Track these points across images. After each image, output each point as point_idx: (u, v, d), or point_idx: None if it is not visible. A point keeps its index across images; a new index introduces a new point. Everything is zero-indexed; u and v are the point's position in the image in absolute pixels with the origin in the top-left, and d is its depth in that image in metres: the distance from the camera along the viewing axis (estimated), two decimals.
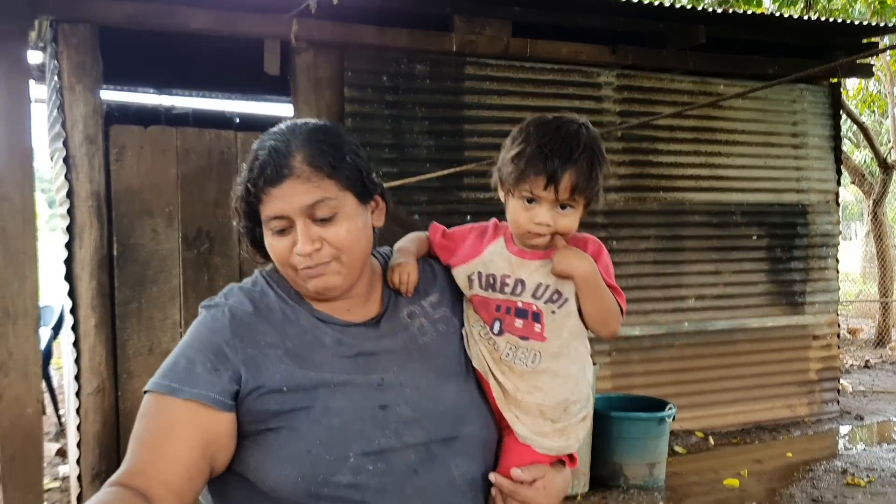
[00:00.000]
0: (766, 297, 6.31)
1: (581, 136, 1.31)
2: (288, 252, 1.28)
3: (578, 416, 1.38)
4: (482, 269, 1.39)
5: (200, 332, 1.29)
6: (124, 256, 4.49)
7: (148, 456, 1.18)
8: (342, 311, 1.35)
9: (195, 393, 1.20)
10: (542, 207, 1.31)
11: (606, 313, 1.35)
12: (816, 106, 6.49)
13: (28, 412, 4.24)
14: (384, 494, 1.21)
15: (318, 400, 1.23)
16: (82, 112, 4.32)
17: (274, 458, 1.20)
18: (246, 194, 1.29)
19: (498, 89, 5.39)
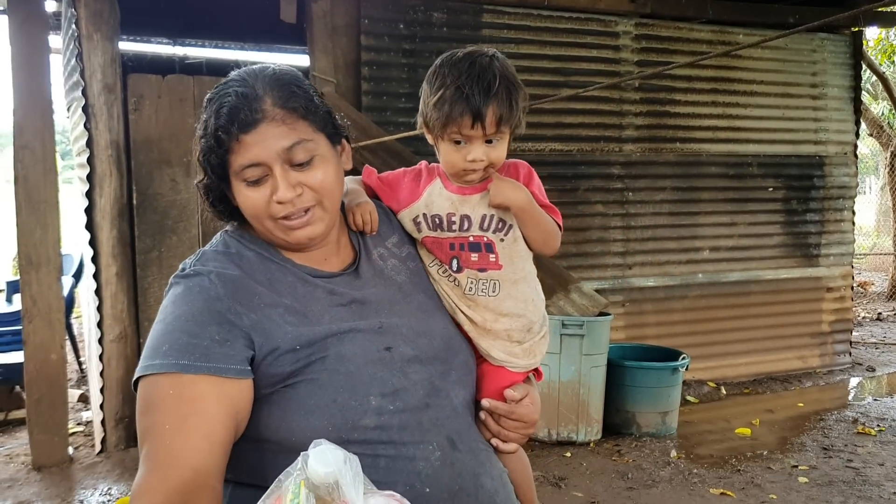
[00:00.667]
0: (781, 249, 6.31)
1: (494, 67, 1.32)
2: (265, 203, 1.24)
3: (540, 334, 1.47)
4: (426, 210, 1.43)
5: (194, 302, 1.21)
6: (144, 206, 4.53)
7: (180, 445, 1.10)
8: (320, 261, 1.35)
9: (212, 367, 1.15)
10: (472, 145, 1.34)
11: (546, 234, 1.41)
12: (837, 56, 6.40)
13: (52, 358, 4.32)
14: (405, 430, 1.23)
15: (330, 349, 1.23)
16: (100, 61, 4.32)
17: (299, 412, 1.18)
18: (216, 144, 1.23)
19: (515, 38, 5.34)
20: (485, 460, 1.32)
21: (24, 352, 4.27)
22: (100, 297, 4.44)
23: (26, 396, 4.38)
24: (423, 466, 1.22)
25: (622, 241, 5.75)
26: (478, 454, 1.31)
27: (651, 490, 4.02)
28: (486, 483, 1.29)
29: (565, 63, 5.47)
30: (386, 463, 1.20)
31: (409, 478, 1.20)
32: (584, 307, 4.66)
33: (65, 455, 4.37)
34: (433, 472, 1.22)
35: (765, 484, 4.07)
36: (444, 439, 1.26)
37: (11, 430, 5.09)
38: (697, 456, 4.51)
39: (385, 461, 1.20)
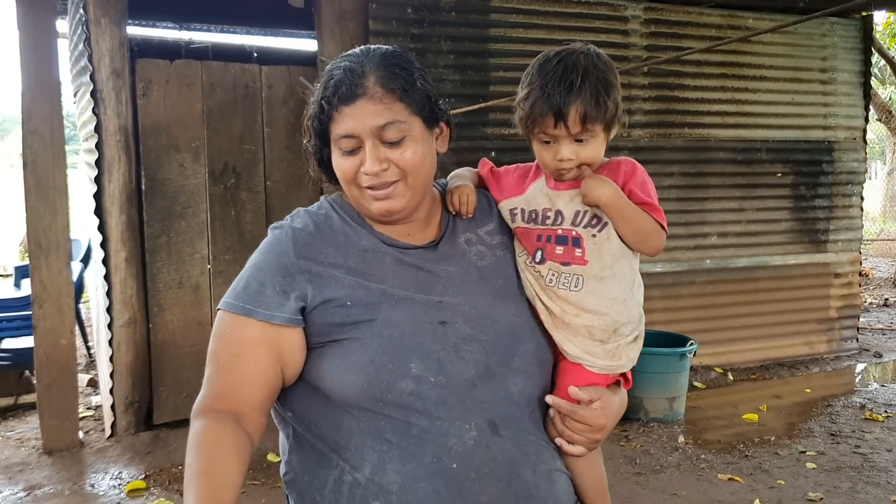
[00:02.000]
0: (789, 235, 6.30)
1: (579, 65, 1.31)
2: (355, 171, 1.33)
3: (629, 337, 1.40)
4: (524, 205, 1.43)
5: (268, 254, 1.36)
6: (153, 191, 4.53)
7: (228, 379, 1.27)
8: (402, 234, 1.40)
9: (267, 314, 1.28)
10: (560, 145, 1.33)
11: (642, 232, 1.36)
12: (847, 40, 6.36)
13: (62, 343, 4.34)
14: (443, 405, 1.26)
15: (380, 313, 1.29)
16: (108, 46, 4.31)
17: (341, 366, 1.27)
18: (319, 112, 1.34)
19: (524, 22, 5.31)
20: (531, 453, 1.31)
21: (35, 337, 4.29)
22: (109, 282, 4.45)
23: (36, 381, 4.40)
24: (455, 443, 1.25)
25: None
26: (524, 445, 1.30)
27: (659, 475, 4.03)
28: (524, 474, 1.28)
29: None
30: (418, 432, 1.25)
31: (438, 451, 1.24)
32: None
33: (75, 439, 4.40)
34: (464, 450, 1.25)
35: (773, 469, 4.09)
36: (485, 422, 1.27)
37: (22, 414, 5.12)
38: (705, 441, 4.53)
39: (417, 430, 1.25)
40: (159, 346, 4.60)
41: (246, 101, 4.73)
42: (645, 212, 1.36)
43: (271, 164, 4.82)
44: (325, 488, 1.29)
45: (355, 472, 1.26)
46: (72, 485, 3.94)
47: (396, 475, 1.24)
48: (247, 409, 1.26)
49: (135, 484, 3.90)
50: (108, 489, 3.89)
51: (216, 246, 4.69)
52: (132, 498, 3.79)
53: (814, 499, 3.72)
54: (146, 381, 4.57)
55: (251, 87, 4.75)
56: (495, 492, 1.25)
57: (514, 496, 1.26)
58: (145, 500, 3.77)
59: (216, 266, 4.69)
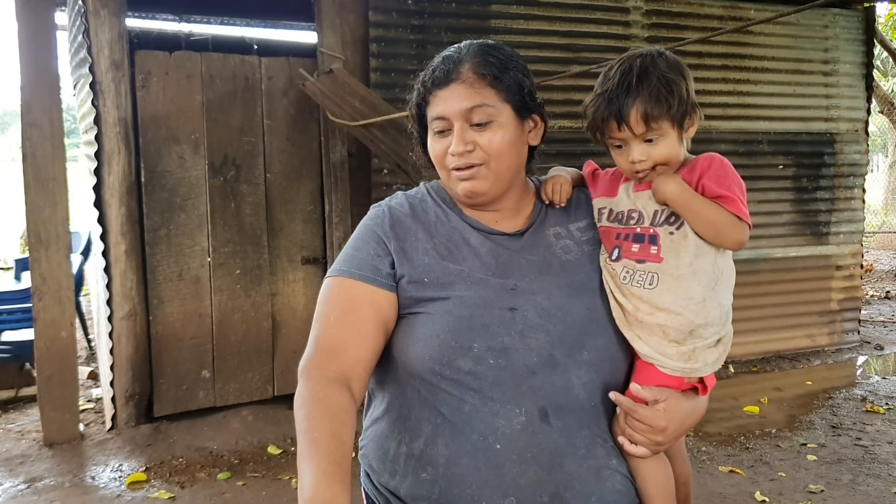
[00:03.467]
0: (791, 227, 6.28)
1: (636, 67, 1.33)
2: (444, 152, 1.40)
3: (708, 340, 1.36)
4: (613, 206, 1.45)
5: (367, 226, 1.47)
6: (152, 183, 4.51)
7: (340, 334, 1.33)
8: (491, 220, 1.47)
9: (370, 277, 1.37)
10: (630, 147, 1.35)
11: (714, 226, 1.33)
12: (849, 31, 6.33)
13: (62, 335, 4.34)
14: (498, 387, 1.30)
15: (454, 292, 1.35)
16: (108, 37, 4.29)
17: (411, 337, 1.35)
18: (417, 96, 1.44)
19: (525, 14, 5.29)
20: (581, 446, 1.31)
21: (35, 329, 4.28)
22: (109, 274, 4.44)
23: (37, 374, 4.40)
24: (503, 424, 1.29)
25: None
26: (574, 437, 1.30)
27: None
28: (567, 465, 1.29)
29: (575, 39, 5.42)
30: (469, 409, 1.30)
31: (485, 429, 1.29)
32: None
33: (76, 432, 4.40)
34: (510, 432, 1.28)
35: (773, 462, 4.08)
36: (537, 409, 1.30)
37: (22, 406, 5.12)
38: (706, 434, 4.52)
39: (469, 407, 1.30)
40: (159, 338, 4.59)
41: (246, 93, 4.71)
42: (718, 205, 1.33)
43: (271, 156, 4.80)
44: (388, 457, 1.37)
45: (412, 444, 1.33)
46: (72, 477, 3.94)
47: (446, 448, 1.30)
48: (357, 368, 1.32)
49: (135, 476, 3.90)
50: (108, 481, 3.89)
51: (216, 238, 4.68)
52: (133, 490, 3.79)
53: (815, 491, 3.72)
54: (146, 374, 4.57)
55: (251, 78, 4.73)
56: (534, 477, 1.27)
57: (553, 484, 1.28)
58: (146, 492, 3.77)
59: (216, 258, 4.68)
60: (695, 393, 1.41)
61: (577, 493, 1.28)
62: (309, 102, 4.70)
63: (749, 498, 3.65)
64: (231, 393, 4.79)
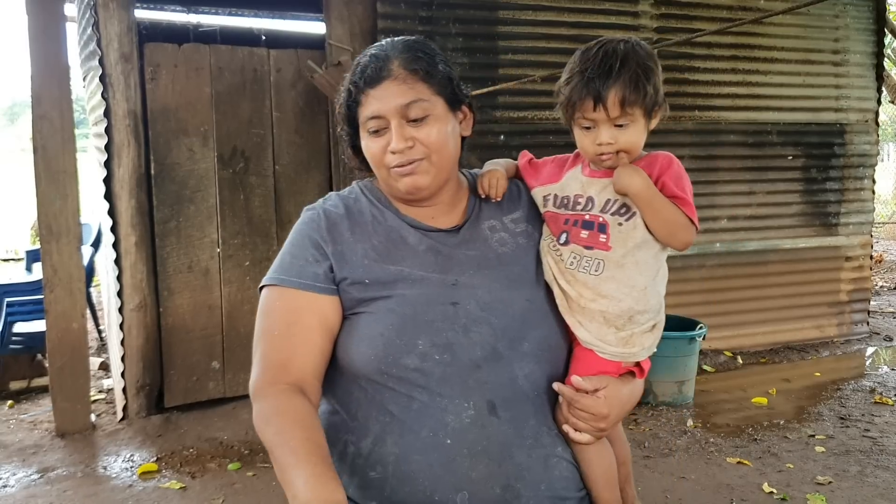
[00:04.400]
0: (800, 218, 6.26)
1: (619, 51, 1.35)
2: (382, 152, 1.39)
3: (645, 326, 1.42)
4: (558, 191, 1.47)
5: (302, 230, 1.45)
6: (162, 175, 4.53)
7: (287, 349, 1.34)
8: (427, 217, 1.47)
9: (308, 284, 1.37)
10: (599, 129, 1.36)
11: (670, 225, 1.37)
12: (860, 21, 6.29)
13: (74, 327, 4.37)
14: (445, 383, 1.31)
15: (396, 291, 1.36)
16: (117, 30, 4.31)
17: (354, 337, 1.35)
18: (347, 97, 1.42)
19: (533, 4, 5.27)
20: (529, 436, 1.34)
21: (46, 321, 4.32)
22: (119, 266, 4.47)
23: (49, 365, 4.44)
24: (452, 420, 1.30)
25: None
26: (521, 428, 1.33)
27: (668, 459, 4.04)
28: (517, 455, 1.31)
29: (583, 30, 5.40)
30: (418, 406, 1.31)
31: (435, 425, 1.30)
32: None
33: (87, 422, 4.43)
34: (460, 427, 1.30)
35: (781, 453, 4.09)
36: (484, 402, 1.31)
37: (34, 397, 5.16)
38: (714, 425, 4.53)
39: (418, 404, 1.31)
40: (170, 329, 4.62)
41: (254, 85, 4.72)
42: (675, 205, 1.36)
43: (280, 148, 4.82)
44: (333, 458, 1.31)
45: (359, 443, 1.33)
46: (84, 467, 3.97)
47: (395, 447, 1.31)
48: (309, 378, 1.33)
49: (147, 466, 3.93)
50: (120, 471, 3.92)
51: (225, 230, 4.70)
52: (144, 480, 3.82)
53: (823, 482, 3.72)
54: (157, 365, 4.60)
55: (259, 70, 4.74)
56: (486, 470, 1.29)
57: (505, 476, 1.30)
58: (157, 482, 3.80)
59: (225, 250, 4.71)
60: (632, 377, 1.46)
61: (527, 483, 1.32)
62: (317, 94, 4.70)
63: (757, 489, 3.66)
64: (241, 384, 4.82)
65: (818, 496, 3.56)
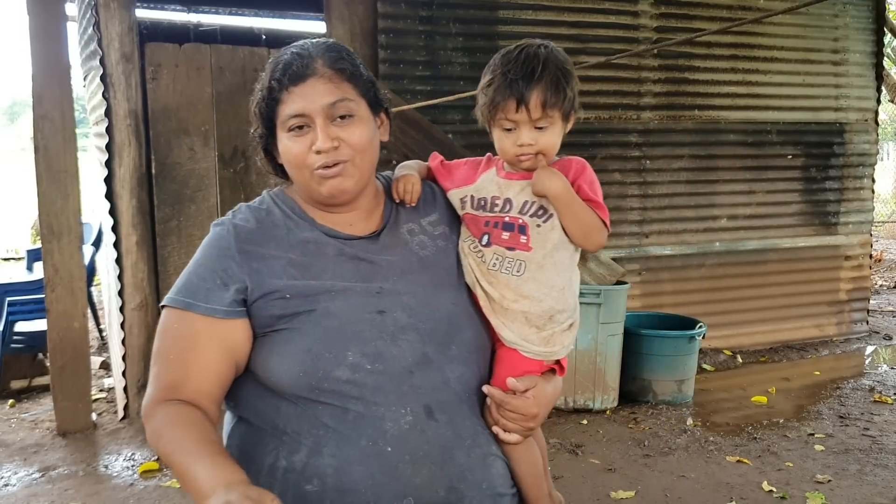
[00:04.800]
0: (799, 217, 6.27)
1: (541, 55, 1.37)
2: (305, 152, 1.34)
3: (564, 325, 1.45)
4: (474, 193, 1.48)
5: (209, 249, 1.38)
6: (163, 175, 4.54)
7: (180, 374, 1.29)
8: (345, 225, 1.43)
9: (209, 308, 1.30)
10: (521, 130, 1.38)
11: (586, 228, 1.41)
12: (859, 20, 6.30)
13: (75, 326, 4.38)
14: (380, 391, 1.29)
15: (319, 304, 1.32)
16: (118, 30, 4.31)
17: (278, 355, 1.30)
18: (268, 94, 1.36)
19: (533, 4, 5.28)
20: (467, 437, 1.34)
21: (47, 320, 4.33)
22: (120, 265, 4.48)
23: (50, 364, 4.45)
24: (391, 427, 1.28)
25: (639, 210, 5.73)
26: (459, 430, 1.34)
27: (667, 457, 4.05)
28: (458, 457, 1.32)
29: (584, 30, 5.42)
30: (354, 417, 1.28)
31: (373, 434, 1.27)
32: (601, 276, 4.66)
33: (88, 421, 4.44)
34: (399, 433, 1.28)
35: (781, 452, 4.10)
36: (421, 407, 1.31)
37: (36, 396, 5.17)
38: (713, 424, 4.54)
39: (353, 415, 1.28)
40: None
41: (255, 85, 4.71)
42: (590, 209, 1.40)
43: None
44: (261, 474, 1.30)
45: (291, 457, 1.29)
46: (86, 466, 3.98)
47: (332, 458, 1.27)
48: (202, 400, 1.28)
49: (148, 465, 3.94)
50: (121, 470, 3.93)
51: None
52: (145, 479, 3.83)
53: (822, 481, 3.73)
54: None
55: (260, 70, 4.69)
56: (429, 474, 1.28)
57: (448, 478, 1.30)
58: (158, 480, 3.81)
59: None
60: (552, 374, 1.50)
61: (469, 484, 1.32)
62: None
63: (756, 488, 3.67)
64: None
65: (817, 495, 3.57)
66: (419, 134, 4.55)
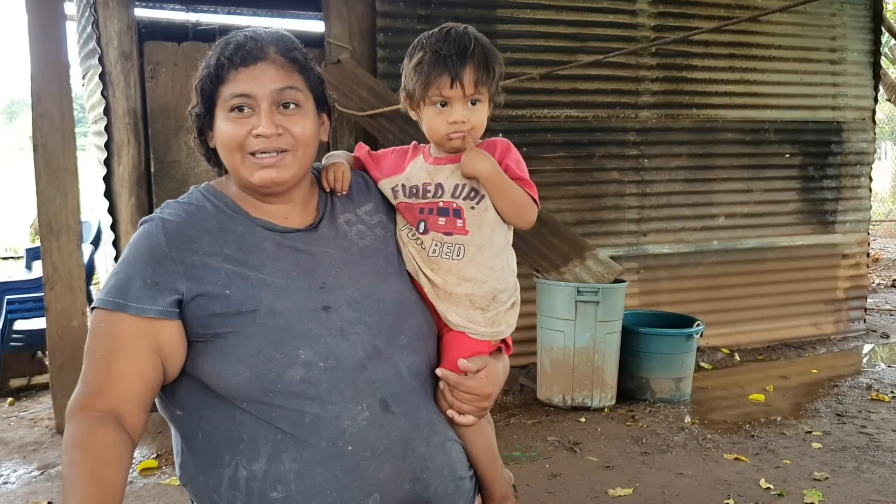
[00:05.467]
0: (797, 216, 6.29)
1: (469, 34, 1.39)
2: (244, 135, 1.31)
3: (507, 304, 1.47)
4: (405, 182, 1.48)
5: (138, 247, 1.31)
6: (161, 173, 4.55)
7: (104, 375, 1.25)
8: (280, 217, 1.39)
9: (139, 308, 1.25)
10: (454, 107, 1.39)
11: (518, 206, 1.42)
12: (857, 20, 6.32)
13: (74, 324, 4.38)
14: (335, 389, 1.27)
15: (263, 303, 1.28)
16: (117, 28, 4.32)
17: (226, 360, 1.25)
18: (215, 70, 1.32)
19: (531, 3, 5.29)
20: (424, 426, 1.34)
21: (47, 318, 4.34)
22: None
23: (49, 362, 4.45)
24: (349, 425, 1.26)
25: (637, 208, 5.74)
26: (416, 420, 1.33)
27: (665, 455, 4.06)
28: (418, 447, 1.32)
29: (581, 28, 5.43)
30: (311, 419, 1.25)
31: (332, 435, 1.25)
32: (599, 274, 4.67)
33: None
34: (358, 431, 1.26)
35: (778, 449, 4.11)
36: (377, 401, 1.29)
37: (35, 394, 5.18)
38: (711, 421, 4.55)
39: (310, 417, 1.25)
40: None
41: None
42: (520, 187, 1.42)
43: None
44: (222, 486, 1.27)
45: (251, 465, 1.25)
46: None
47: (293, 463, 1.24)
48: (127, 407, 1.24)
49: (147, 463, 3.95)
50: None
51: None
52: (144, 477, 3.84)
53: (819, 478, 3.74)
54: None
55: None
56: (392, 468, 1.28)
57: (411, 470, 1.30)
58: (157, 478, 3.82)
59: None
60: (500, 353, 1.51)
61: (432, 472, 1.32)
62: None
63: (754, 485, 3.68)
64: None
65: (815, 492, 3.58)
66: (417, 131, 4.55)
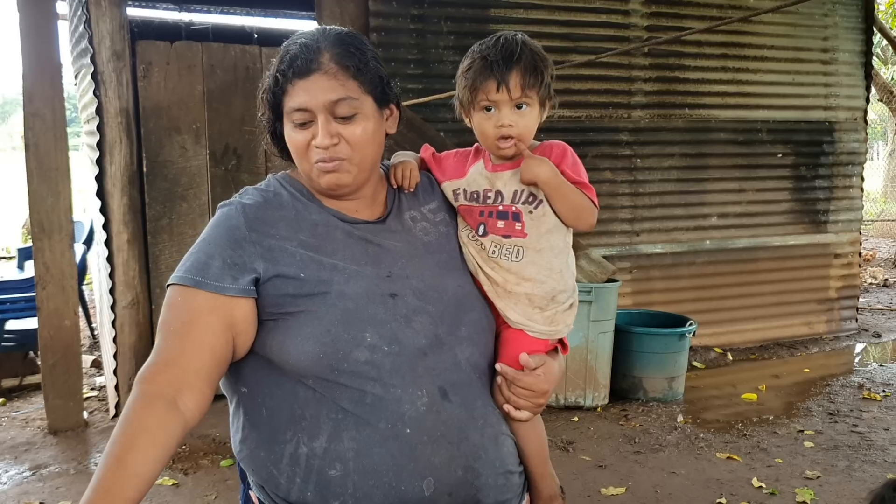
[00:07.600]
0: (789, 216, 6.31)
1: (517, 40, 1.41)
2: (306, 145, 1.36)
3: (565, 304, 1.49)
4: (466, 186, 1.52)
5: (217, 228, 1.38)
6: (154, 173, 4.54)
7: (177, 345, 1.29)
8: (351, 210, 1.45)
9: (217, 286, 1.30)
10: (501, 111, 1.41)
11: (577, 209, 1.45)
12: (848, 20, 6.34)
13: (66, 324, 4.37)
14: (396, 373, 1.32)
15: (334, 286, 1.34)
16: (109, 28, 4.31)
17: (296, 337, 1.30)
18: (273, 84, 1.36)
19: (524, 3, 5.30)
20: (479, 417, 1.38)
21: (38, 318, 4.32)
22: (111, 263, 4.48)
23: (41, 362, 4.44)
24: (408, 409, 1.31)
25: (630, 208, 5.75)
26: (472, 410, 1.37)
27: (658, 454, 4.07)
28: (472, 437, 1.36)
29: (574, 28, 5.44)
30: (372, 399, 1.30)
31: (392, 416, 1.30)
32: (592, 273, 4.68)
33: (80, 419, 4.44)
34: (417, 415, 1.31)
35: (771, 448, 4.12)
36: (436, 388, 1.34)
37: (27, 394, 5.16)
38: (704, 421, 4.56)
39: (371, 398, 1.30)
40: None
41: (247, 83, 4.73)
42: (579, 190, 1.44)
43: None
44: (282, 462, 1.32)
45: (312, 443, 1.31)
46: (77, 464, 3.98)
47: (352, 442, 1.29)
48: (193, 379, 1.27)
49: None
50: None
51: None
52: None
53: (811, 477, 3.76)
54: None
55: (252, 68, 4.75)
56: (446, 454, 1.32)
57: (464, 457, 1.34)
58: None
59: None
60: (556, 353, 1.54)
61: (484, 462, 1.36)
62: None
63: (746, 484, 3.69)
64: None
65: (807, 490, 3.59)
66: (411, 132, 4.54)
